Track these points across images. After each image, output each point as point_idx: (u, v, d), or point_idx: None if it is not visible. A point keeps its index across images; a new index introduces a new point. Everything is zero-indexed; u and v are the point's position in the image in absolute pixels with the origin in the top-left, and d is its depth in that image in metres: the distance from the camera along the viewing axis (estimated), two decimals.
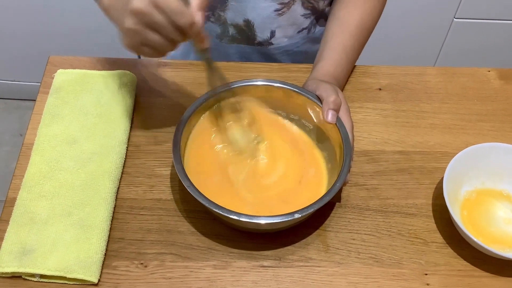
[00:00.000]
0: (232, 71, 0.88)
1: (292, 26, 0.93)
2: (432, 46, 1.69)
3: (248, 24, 0.91)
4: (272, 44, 0.95)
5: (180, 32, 0.61)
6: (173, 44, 0.62)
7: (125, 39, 0.63)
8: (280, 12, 0.89)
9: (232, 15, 0.90)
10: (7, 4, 1.57)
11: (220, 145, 0.75)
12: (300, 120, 0.79)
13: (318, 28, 0.99)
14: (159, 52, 0.63)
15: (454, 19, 1.60)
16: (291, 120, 0.79)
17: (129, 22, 0.60)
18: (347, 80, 0.87)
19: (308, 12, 0.92)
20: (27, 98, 1.89)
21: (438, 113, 0.85)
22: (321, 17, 0.97)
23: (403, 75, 0.90)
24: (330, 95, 0.73)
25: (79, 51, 1.63)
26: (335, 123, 0.72)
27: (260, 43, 0.95)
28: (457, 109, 0.86)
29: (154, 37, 0.61)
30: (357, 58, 0.88)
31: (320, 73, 0.81)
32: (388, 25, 1.56)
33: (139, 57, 1.73)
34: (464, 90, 0.88)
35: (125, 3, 0.60)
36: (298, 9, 0.90)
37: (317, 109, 0.75)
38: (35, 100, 0.83)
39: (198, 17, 0.60)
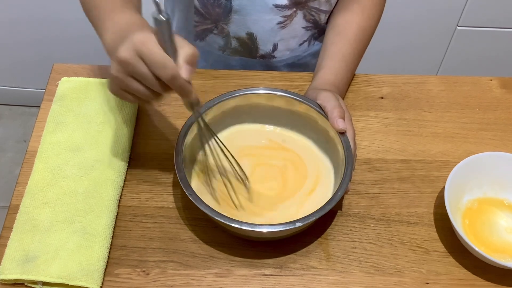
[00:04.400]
0: (234, 79, 0.88)
1: (294, 39, 0.94)
2: (435, 54, 1.70)
3: (251, 37, 0.91)
4: (275, 57, 0.96)
5: (162, 85, 0.60)
6: (156, 95, 0.61)
7: (110, 84, 0.63)
8: (282, 25, 0.90)
9: (235, 28, 0.91)
10: (12, 11, 1.58)
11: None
12: (303, 129, 0.79)
13: (318, 42, 0.99)
14: (143, 100, 0.63)
15: (457, 27, 1.60)
16: (294, 129, 0.80)
17: (114, 69, 0.60)
18: (347, 88, 0.88)
19: (310, 25, 0.93)
20: (31, 105, 1.89)
21: (440, 122, 0.85)
22: (322, 33, 0.97)
23: (405, 83, 0.90)
24: (332, 104, 0.73)
25: (84, 58, 1.64)
26: (343, 131, 0.72)
27: (263, 56, 0.96)
28: (459, 118, 0.86)
29: (137, 86, 0.60)
30: (357, 65, 0.89)
31: (321, 82, 0.82)
32: (391, 33, 1.57)
33: None
34: (466, 99, 0.89)
35: (115, 50, 0.59)
36: (299, 21, 0.91)
37: (319, 117, 0.75)
38: (39, 107, 0.83)
39: (183, 70, 0.59)
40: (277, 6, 0.86)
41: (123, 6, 0.71)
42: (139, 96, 0.62)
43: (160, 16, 0.56)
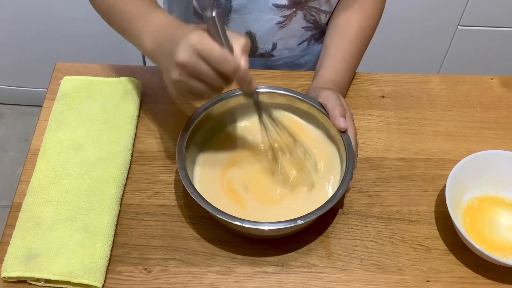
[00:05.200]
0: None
1: (293, 38, 0.94)
2: (437, 53, 1.70)
3: (251, 36, 0.92)
4: (274, 56, 0.96)
5: (225, 79, 0.61)
6: (219, 90, 0.63)
7: (172, 89, 0.64)
8: (282, 24, 0.90)
9: (235, 27, 0.91)
10: (14, 11, 1.58)
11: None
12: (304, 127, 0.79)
13: (318, 43, 0.99)
14: (205, 98, 0.64)
15: (459, 26, 1.60)
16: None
17: (176, 74, 0.61)
18: (348, 87, 0.88)
19: (310, 25, 0.93)
20: (33, 104, 1.90)
21: (441, 121, 0.85)
22: (322, 35, 0.97)
23: (406, 82, 0.90)
24: (333, 103, 0.74)
25: (86, 57, 1.64)
26: (344, 130, 0.72)
27: (262, 55, 0.96)
28: (460, 117, 0.86)
29: (199, 86, 0.61)
30: (357, 64, 0.89)
31: (321, 81, 0.82)
32: (392, 33, 1.57)
33: (145, 64, 1.74)
34: (467, 97, 0.89)
35: (171, 54, 0.60)
36: (299, 21, 0.91)
37: (321, 115, 0.75)
38: (41, 106, 0.84)
39: (242, 61, 0.60)
40: (276, 6, 0.87)
41: (153, 8, 0.72)
42: (201, 94, 0.63)
43: (209, 12, 0.57)
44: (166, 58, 0.63)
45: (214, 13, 0.57)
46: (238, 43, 0.61)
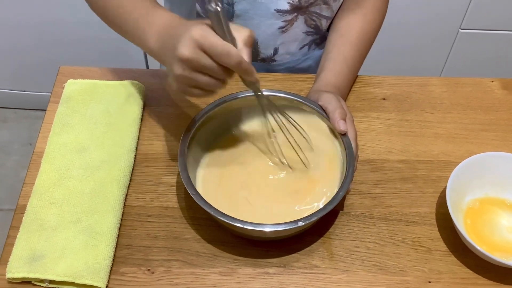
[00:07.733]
0: (238, 80, 0.89)
1: (295, 43, 0.95)
2: (438, 56, 1.70)
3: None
4: (275, 60, 0.97)
5: (228, 71, 0.62)
6: (223, 82, 0.64)
7: (175, 84, 0.64)
8: (283, 29, 0.90)
9: None
10: (17, 15, 1.60)
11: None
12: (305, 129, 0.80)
13: (319, 48, 1.00)
14: (209, 91, 0.65)
15: (460, 29, 1.61)
16: (298, 128, 0.80)
17: (178, 69, 0.61)
18: (349, 90, 0.88)
19: (311, 30, 0.93)
20: (36, 108, 1.91)
21: (441, 123, 0.86)
22: (323, 40, 0.98)
23: (407, 85, 0.91)
24: (333, 106, 0.74)
25: (89, 61, 1.65)
26: (344, 132, 0.73)
27: (263, 60, 0.96)
28: (461, 119, 0.87)
29: (203, 78, 0.62)
30: (359, 68, 0.89)
31: (322, 84, 0.82)
32: (394, 36, 1.58)
33: (147, 67, 1.75)
34: (468, 100, 0.89)
35: (173, 49, 0.61)
36: (300, 26, 0.91)
37: (321, 118, 0.76)
38: (44, 110, 0.84)
39: (244, 54, 0.61)
40: (278, 11, 0.87)
41: (153, 7, 0.72)
42: (206, 88, 0.64)
43: (213, 6, 0.57)
44: (169, 54, 0.63)
45: (218, 7, 0.58)
46: (241, 35, 0.61)
